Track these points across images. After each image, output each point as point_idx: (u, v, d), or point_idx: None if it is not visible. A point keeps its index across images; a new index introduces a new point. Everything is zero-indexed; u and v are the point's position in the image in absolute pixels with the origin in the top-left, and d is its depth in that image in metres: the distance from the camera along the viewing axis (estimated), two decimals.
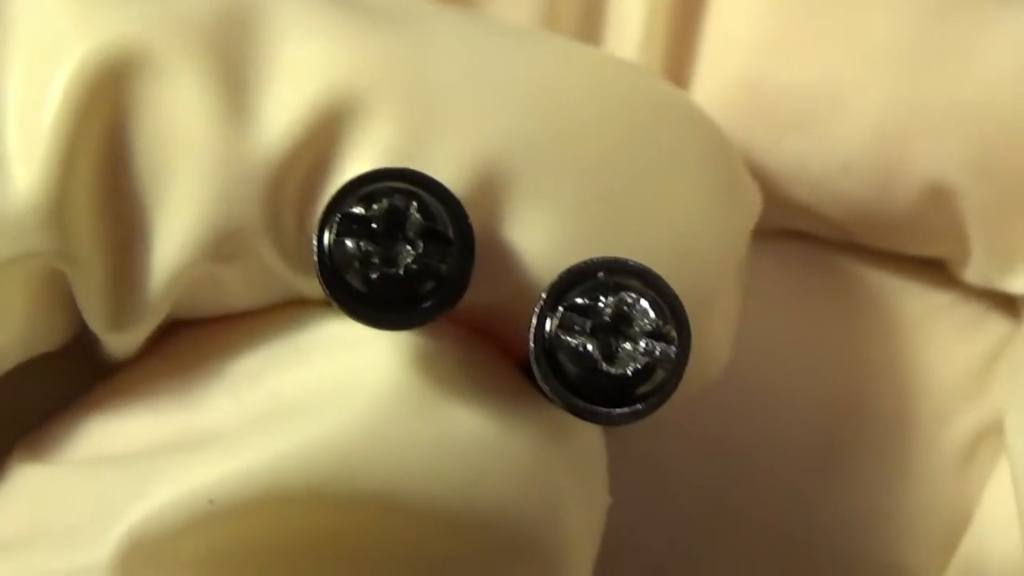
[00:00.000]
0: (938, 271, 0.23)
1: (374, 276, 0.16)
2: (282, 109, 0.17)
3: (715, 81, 0.22)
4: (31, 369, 0.19)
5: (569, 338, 0.16)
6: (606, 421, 0.16)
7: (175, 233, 0.17)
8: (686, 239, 0.18)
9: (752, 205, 0.19)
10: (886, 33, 0.21)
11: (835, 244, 0.23)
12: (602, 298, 0.16)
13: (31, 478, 0.18)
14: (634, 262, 0.17)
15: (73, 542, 0.17)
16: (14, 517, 0.18)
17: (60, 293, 0.18)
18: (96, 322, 0.17)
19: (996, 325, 0.23)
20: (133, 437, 0.18)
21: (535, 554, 0.17)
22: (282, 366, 0.18)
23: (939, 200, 0.21)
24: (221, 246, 0.17)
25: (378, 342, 0.17)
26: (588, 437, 0.18)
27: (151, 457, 0.17)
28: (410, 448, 0.17)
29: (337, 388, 0.17)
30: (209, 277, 0.17)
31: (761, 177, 0.21)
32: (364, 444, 0.17)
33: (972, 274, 0.22)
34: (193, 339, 0.18)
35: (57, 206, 0.17)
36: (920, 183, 0.21)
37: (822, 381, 0.23)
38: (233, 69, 0.17)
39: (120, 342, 0.18)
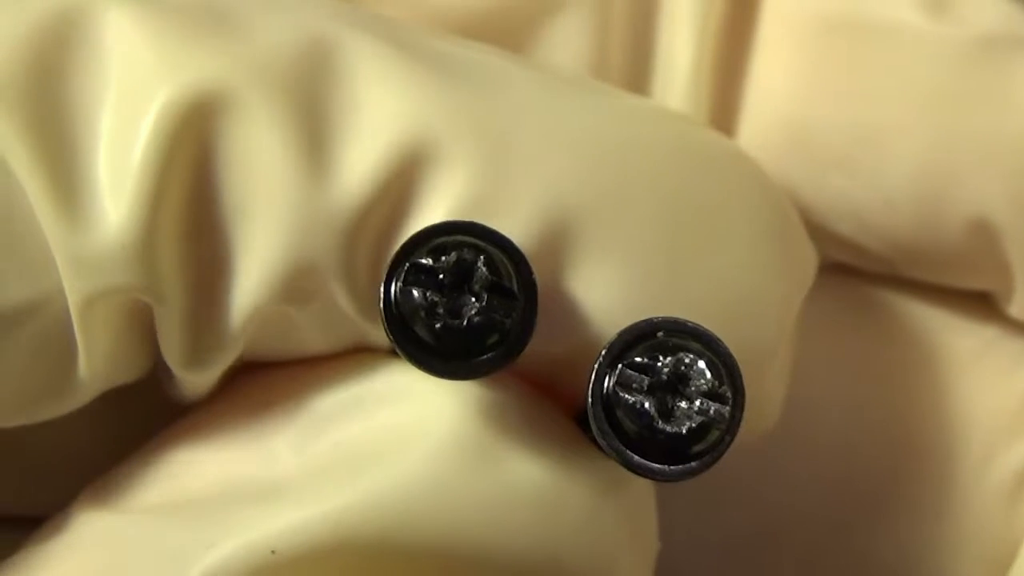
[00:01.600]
0: (984, 305, 0.23)
1: (438, 326, 0.17)
2: (360, 156, 0.17)
3: (759, 121, 0.22)
4: (106, 409, 0.19)
5: (627, 395, 0.17)
6: (661, 477, 0.17)
7: (253, 273, 0.17)
8: (744, 297, 0.18)
9: (808, 263, 0.20)
10: (925, 73, 0.21)
11: (880, 277, 0.23)
12: (660, 357, 0.17)
13: (96, 526, 0.18)
14: (693, 323, 0.17)
15: None
16: (78, 565, 0.18)
17: (142, 326, 0.18)
18: (174, 357, 0.18)
19: None
20: (198, 483, 0.18)
21: None
22: (346, 416, 0.18)
23: (982, 236, 0.21)
24: (296, 288, 0.17)
25: (440, 393, 0.18)
26: (640, 488, 0.19)
27: (216, 507, 0.18)
28: (471, 499, 0.17)
29: (399, 439, 0.17)
30: (283, 318, 0.18)
31: (805, 212, 0.22)
32: (425, 495, 0.17)
33: (1016, 309, 0.22)
34: (261, 385, 0.19)
35: (146, 241, 0.17)
36: (963, 219, 0.21)
37: (865, 416, 0.23)
38: (313, 113, 0.17)
39: (194, 380, 0.18)
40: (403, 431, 0.17)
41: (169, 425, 0.19)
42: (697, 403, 0.17)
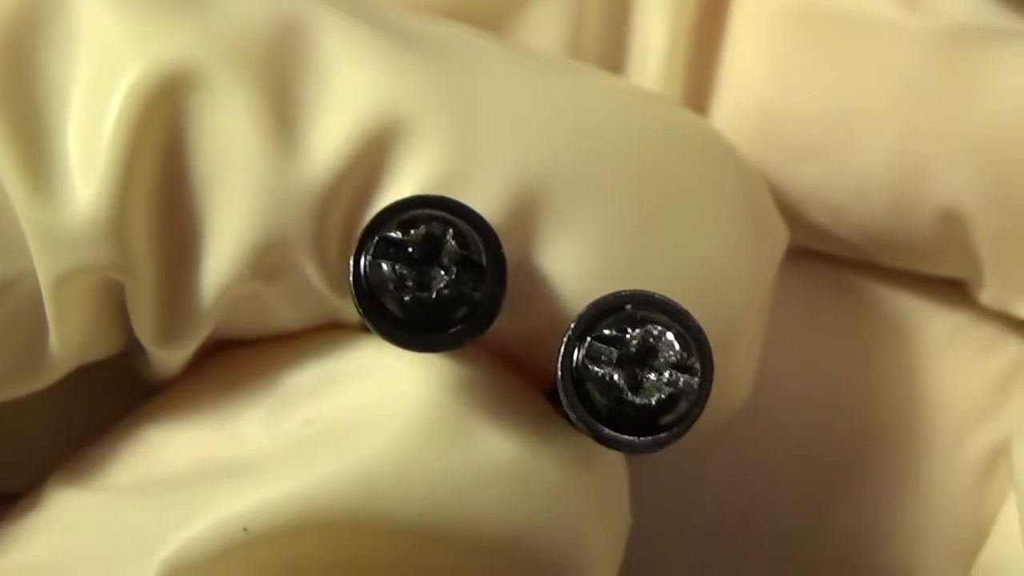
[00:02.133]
0: (956, 291, 0.23)
1: (407, 299, 0.17)
2: (330, 133, 0.17)
3: (732, 109, 0.22)
4: (77, 388, 0.19)
5: (596, 368, 0.17)
6: (630, 449, 0.17)
7: (223, 249, 0.17)
8: (713, 271, 0.18)
9: (779, 239, 0.20)
10: (897, 64, 0.21)
11: (852, 263, 0.23)
12: (629, 330, 0.17)
13: (69, 504, 0.18)
14: (661, 296, 0.17)
15: (110, 573, 0.17)
16: (51, 543, 0.18)
17: (114, 304, 0.18)
18: (146, 334, 0.18)
19: (1013, 345, 0.23)
20: (170, 462, 0.18)
21: (561, 574, 0.17)
22: (316, 393, 0.18)
23: (952, 226, 0.21)
24: (266, 264, 0.17)
25: (410, 369, 0.18)
26: (611, 462, 0.19)
27: (187, 486, 0.18)
28: (440, 474, 0.17)
29: (369, 416, 0.17)
30: (254, 295, 0.18)
31: (778, 200, 0.22)
32: (396, 471, 0.17)
33: (987, 297, 0.23)
34: (231, 364, 0.19)
35: (117, 218, 0.17)
36: (934, 210, 0.21)
37: (836, 399, 0.23)
38: (282, 89, 0.17)
39: (166, 357, 0.18)
40: (373, 407, 0.17)
41: (141, 405, 0.19)
42: (666, 375, 0.17)
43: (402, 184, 0.18)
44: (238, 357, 0.19)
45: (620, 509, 0.19)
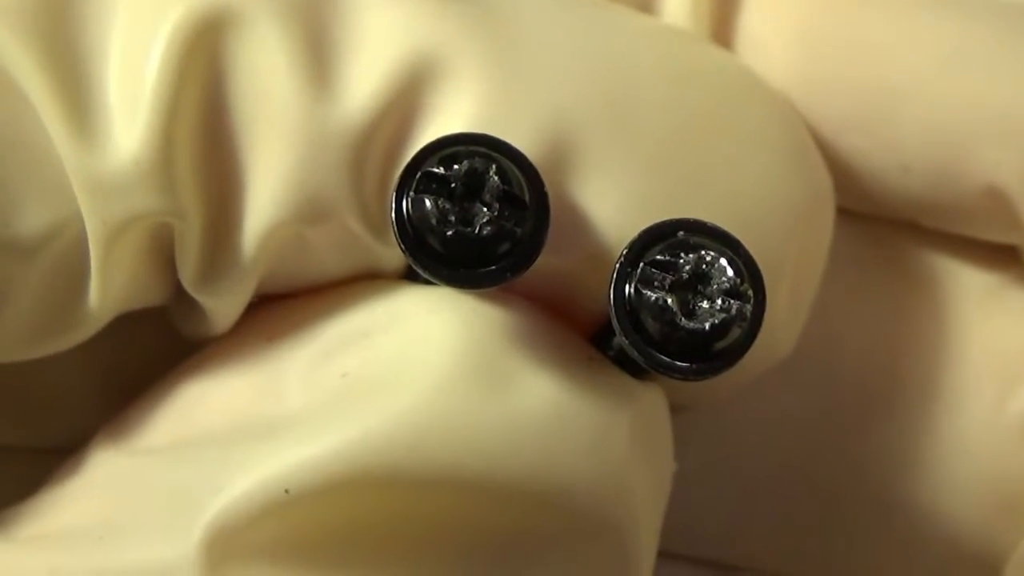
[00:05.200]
0: (1006, 252, 0.23)
1: (450, 234, 0.16)
2: (366, 74, 0.17)
3: (766, 77, 0.22)
4: (120, 347, 0.19)
5: (649, 292, 0.16)
6: (684, 375, 0.16)
7: (265, 192, 0.17)
8: (752, 207, 0.18)
9: (820, 176, 0.20)
10: (942, 34, 0.21)
11: (895, 222, 0.23)
12: (682, 255, 0.16)
13: (109, 468, 0.18)
14: (713, 224, 0.17)
15: (151, 537, 0.17)
16: (91, 509, 0.18)
17: (161, 251, 0.18)
18: (191, 280, 0.18)
19: None
20: (208, 419, 0.18)
21: (605, 525, 0.17)
22: (353, 345, 0.18)
23: (997, 200, 0.21)
24: (307, 208, 0.17)
25: (446, 317, 0.17)
26: (654, 405, 0.18)
27: (226, 445, 0.17)
28: (480, 424, 0.16)
29: (405, 366, 0.17)
30: (297, 240, 0.18)
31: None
32: (433, 423, 0.16)
33: None
34: (268, 319, 0.18)
35: (161, 160, 0.17)
36: (978, 185, 0.21)
37: (883, 352, 0.22)
38: (318, 32, 0.17)
39: (215, 308, 0.18)
40: (409, 358, 0.17)
41: (179, 363, 0.19)
42: (719, 301, 0.16)
43: (439, 125, 0.17)
44: (276, 311, 0.18)
45: (664, 453, 0.18)
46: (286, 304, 0.18)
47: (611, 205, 0.17)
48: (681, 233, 0.17)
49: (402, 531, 0.17)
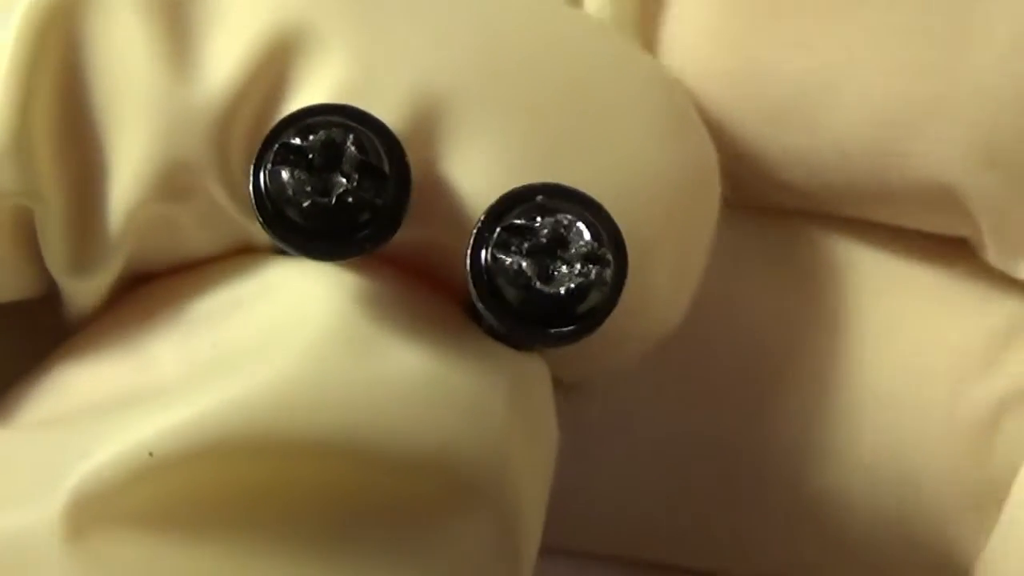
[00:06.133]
0: (955, 247, 0.22)
1: (307, 205, 0.16)
2: (228, 48, 0.17)
3: (692, 72, 0.21)
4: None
5: (505, 257, 0.16)
6: (543, 341, 0.16)
7: (127, 172, 0.17)
8: (626, 176, 0.18)
9: (702, 153, 0.19)
10: (875, 15, 0.20)
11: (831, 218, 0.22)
12: (539, 219, 0.16)
13: None
14: (572, 188, 0.16)
15: (17, 502, 0.16)
16: None
17: (26, 239, 0.18)
18: (57, 264, 0.17)
19: (1014, 302, 0.22)
20: (82, 396, 0.18)
21: (484, 491, 0.17)
22: (225, 316, 0.17)
23: (944, 190, 0.20)
24: (170, 185, 0.17)
25: (316, 287, 0.17)
26: (533, 376, 0.18)
27: (97, 415, 0.17)
28: (350, 391, 0.16)
29: (275, 335, 0.17)
30: (164, 219, 0.17)
31: (756, 163, 0.21)
32: (300, 389, 0.16)
33: (991, 257, 0.21)
34: (143, 297, 0.18)
35: (19, 142, 0.17)
36: (922, 174, 0.20)
37: (806, 355, 0.22)
38: (177, 8, 0.17)
39: (81, 291, 0.18)
40: (279, 327, 0.17)
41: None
42: (577, 266, 0.16)
43: (303, 98, 0.17)
44: (150, 289, 0.18)
45: (545, 424, 0.18)
46: (160, 282, 0.18)
47: (480, 174, 0.17)
48: (540, 198, 0.16)
49: (273, 499, 0.16)
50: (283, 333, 0.17)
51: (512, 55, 0.18)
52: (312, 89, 0.17)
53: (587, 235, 0.16)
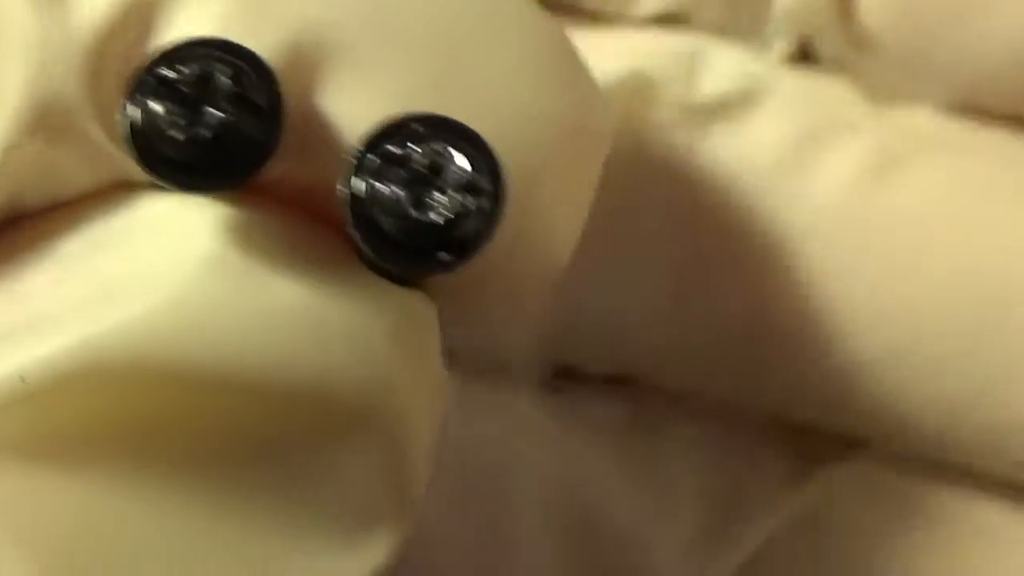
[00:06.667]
0: None
1: (180, 138, 0.16)
2: None
3: None
4: None
5: (380, 185, 0.16)
6: (418, 269, 0.16)
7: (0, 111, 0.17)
8: (510, 112, 0.18)
9: (587, 96, 0.19)
10: None
11: None
12: (416, 149, 0.16)
13: None
14: (450, 118, 0.16)
15: None
16: None
17: None
18: None
19: None
20: None
21: (368, 421, 0.17)
22: (100, 250, 0.17)
23: None
24: (43, 123, 0.17)
25: (194, 219, 0.17)
26: (418, 312, 0.18)
27: None
28: (226, 320, 0.16)
29: (152, 265, 0.16)
30: (41, 160, 0.17)
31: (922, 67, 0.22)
32: (179, 318, 0.16)
33: None
34: (15, 237, 0.18)
35: None
36: None
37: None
38: None
39: None
40: (156, 258, 0.17)
41: None
42: (455, 195, 0.16)
43: (180, 29, 0.17)
44: (22, 229, 0.18)
45: (432, 362, 0.18)
46: (33, 220, 0.18)
47: (360, 108, 0.17)
48: (416, 126, 0.16)
49: (152, 432, 0.16)
50: (159, 264, 0.16)
51: None
52: (187, 23, 0.17)
53: (465, 164, 0.16)
